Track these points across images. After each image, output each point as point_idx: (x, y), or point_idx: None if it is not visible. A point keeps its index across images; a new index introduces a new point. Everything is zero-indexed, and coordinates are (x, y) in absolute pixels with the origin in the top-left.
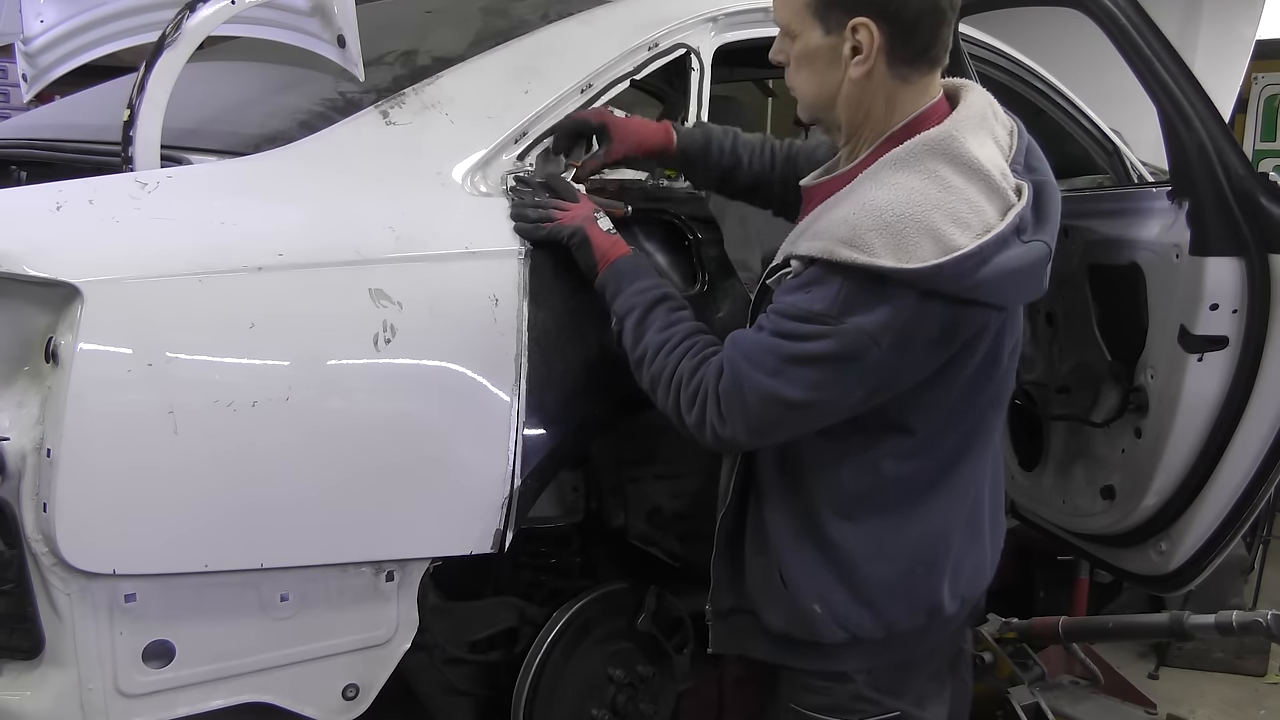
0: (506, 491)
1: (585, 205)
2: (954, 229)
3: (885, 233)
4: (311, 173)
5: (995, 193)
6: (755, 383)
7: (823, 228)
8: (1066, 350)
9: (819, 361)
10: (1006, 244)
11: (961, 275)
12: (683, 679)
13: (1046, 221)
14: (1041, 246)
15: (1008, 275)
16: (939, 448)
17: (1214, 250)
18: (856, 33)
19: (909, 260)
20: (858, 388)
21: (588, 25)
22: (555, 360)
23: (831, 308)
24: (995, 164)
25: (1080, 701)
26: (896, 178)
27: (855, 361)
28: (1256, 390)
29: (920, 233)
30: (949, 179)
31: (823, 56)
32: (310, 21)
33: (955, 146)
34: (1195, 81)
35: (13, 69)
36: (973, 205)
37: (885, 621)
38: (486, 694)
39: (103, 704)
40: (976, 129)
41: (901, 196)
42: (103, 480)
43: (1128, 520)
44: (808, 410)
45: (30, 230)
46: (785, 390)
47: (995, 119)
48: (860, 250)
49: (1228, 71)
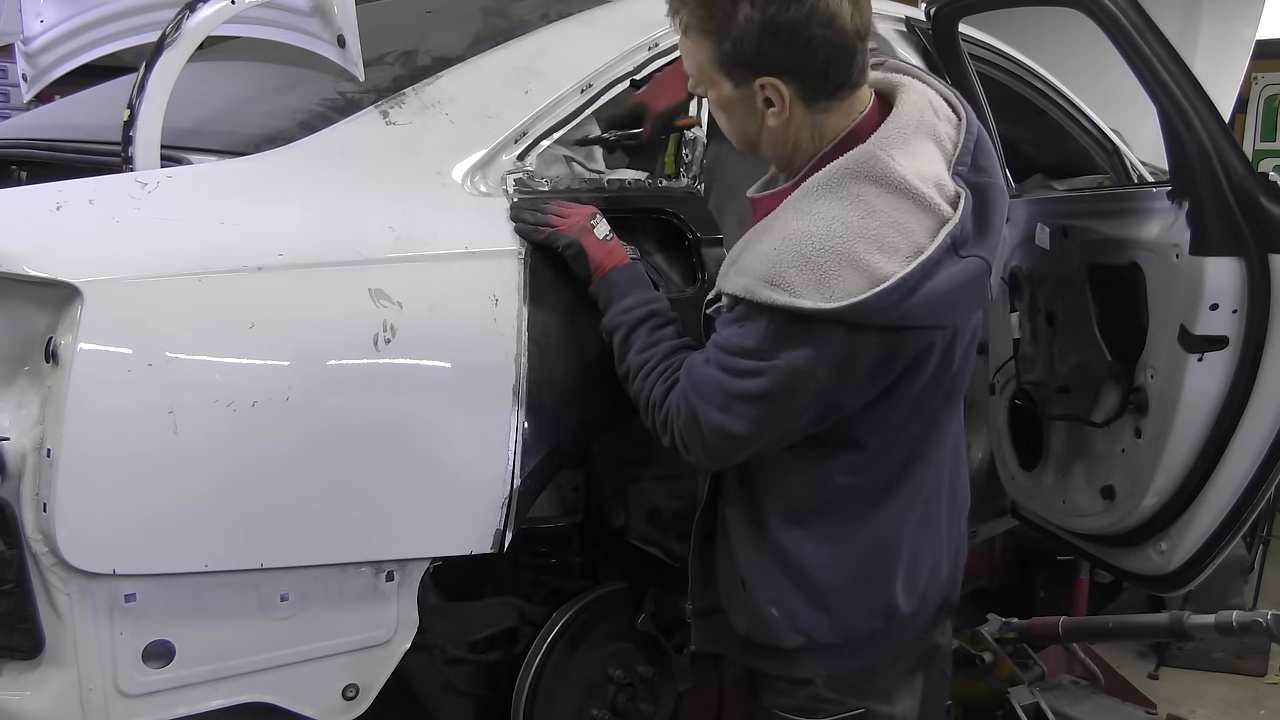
0: (506, 491)
1: (583, 212)
2: (879, 257)
3: (805, 268)
4: (311, 173)
5: (926, 210)
6: (707, 416)
7: (747, 263)
8: (1066, 350)
9: (760, 398)
10: (939, 265)
11: (887, 308)
12: (683, 679)
13: (988, 232)
14: (977, 263)
15: (940, 297)
16: (890, 457)
17: (1214, 250)
18: (765, 89)
19: (830, 298)
20: (802, 416)
21: (588, 25)
22: (555, 360)
23: (763, 344)
24: (929, 175)
25: (1080, 701)
26: (818, 205)
27: (794, 394)
28: (1256, 390)
29: (842, 265)
30: (872, 202)
31: (738, 107)
32: (310, 21)
33: (879, 166)
34: (1195, 81)
35: (13, 69)
36: (900, 227)
37: (841, 626)
38: (486, 694)
39: (103, 704)
40: (909, 138)
41: (821, 227)
42: (103, 480)
43: (1128, 520)
44: (758, 439)
45: (30, 230)
46: (733, 425)
47: (937, 116)
48: (780, 289)
49: (1228, 71)
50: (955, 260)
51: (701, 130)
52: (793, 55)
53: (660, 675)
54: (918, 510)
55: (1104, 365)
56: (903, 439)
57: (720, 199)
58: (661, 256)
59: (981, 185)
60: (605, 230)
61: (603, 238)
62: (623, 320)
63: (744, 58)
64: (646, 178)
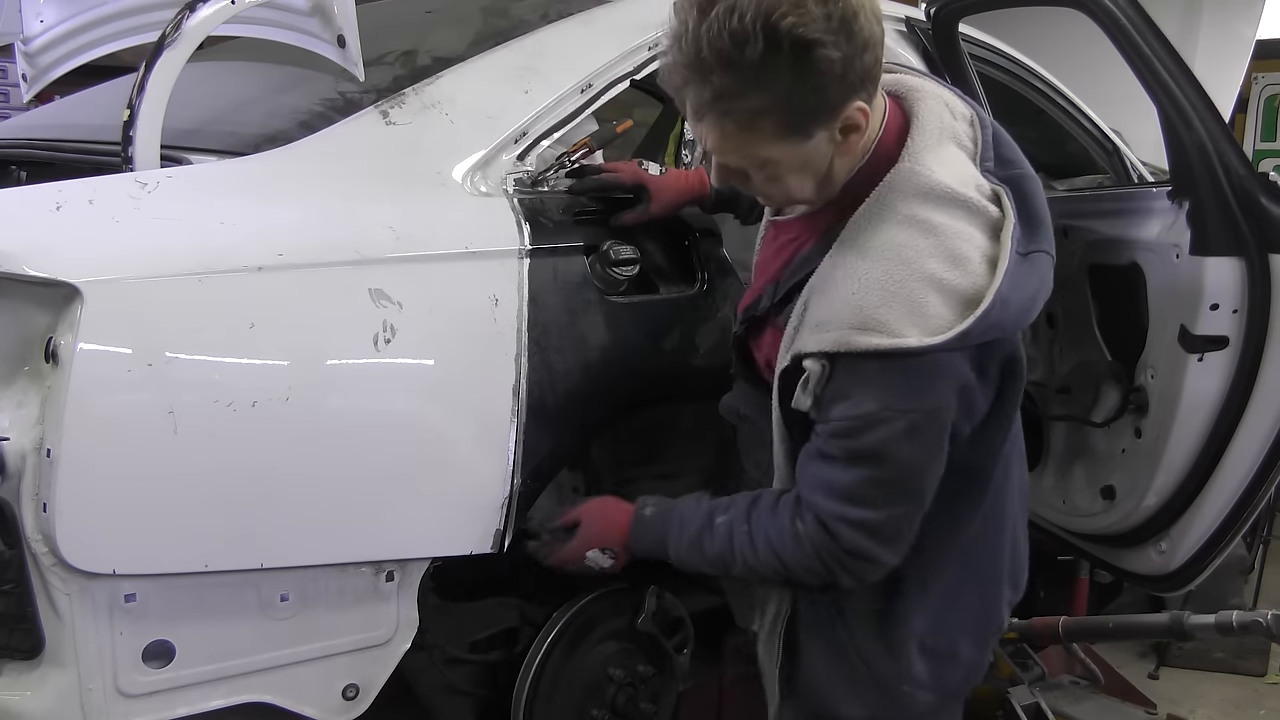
0: (506, 491)
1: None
2: (955, 272)
3: (894, 303)
4: (311, 173)
5: (976, 214)
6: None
7: (825, 317)
8: (1066, 350)
9: (915, 461)
10: (1014, 272)
11: (987, 328)
12: (683, 679)
13: (1039, 225)
14: (1044, 258)
15: (1025, 302)
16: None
17: (1214, 250)
18: (852, 117)
19: (932, 328)
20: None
21: (588, 25)
22: (555, 360)
23: (886, 399)
24: (966, 178)
25: (1080, 701)
26: (878, 239)
27: (940, 435)
28: (1256, 390)
29: (927, 289)
30: (930, 218)
31: (813, 157)
32: (310, 21)
33: (922, 181)
34: (1195, 81)
35: (13, 69)
36: (963, 236)
37: (969, 669)
38: (486, 694)
39: (103, 704)
40: (937, 145)
41: (892, 256)
42: (103, 480)
43: (1128, 520)
44: (925, 499)
45: (30, 230)
46: (903, 506)
47: (955, 117)
48: (878, 332)
49: (1228, 71)
50: (1020, 260)
51: None
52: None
53: (660, 675)
54: (1010, 522)
55: (1104, 365)
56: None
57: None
58: (662, 256)
59: (1014, 178)
60: (601, 558)
61: (611, 561)
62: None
63: (826, 103)
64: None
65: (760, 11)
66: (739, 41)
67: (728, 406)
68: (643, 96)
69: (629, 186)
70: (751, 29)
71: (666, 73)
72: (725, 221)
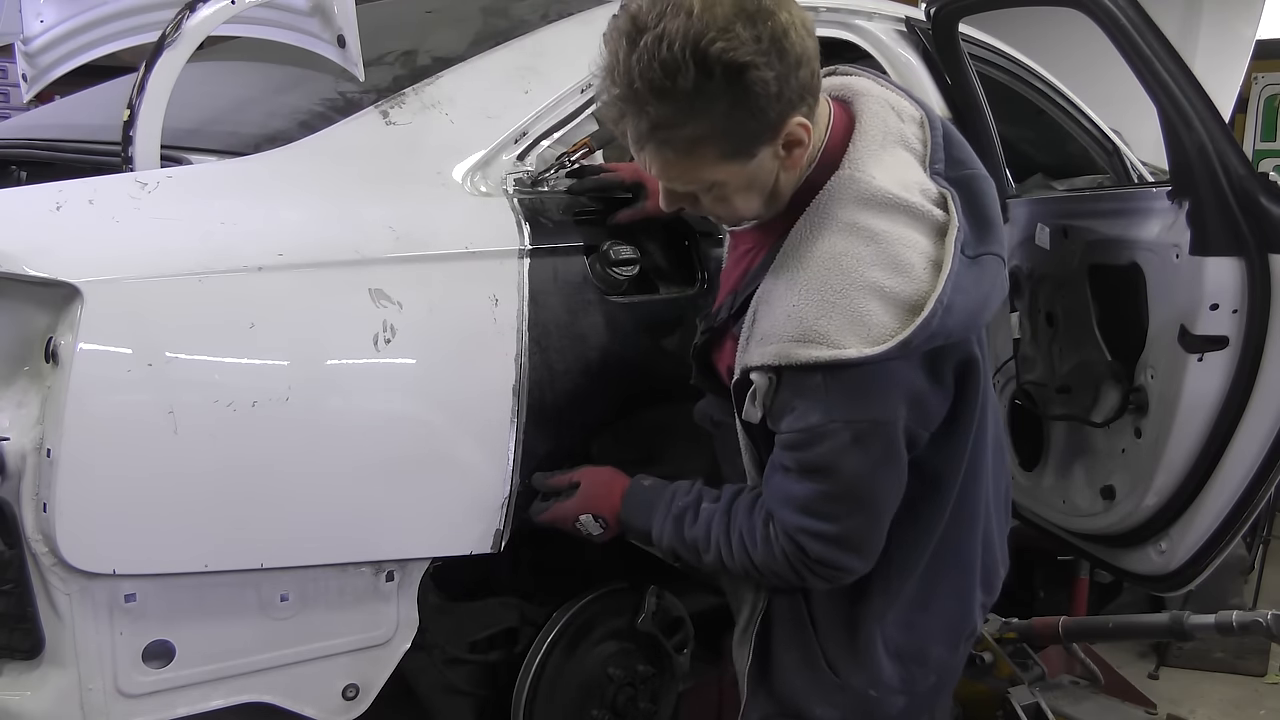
0: (506, 491)
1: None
2: (898, 279)
3: (834, 314)
4: (311, 173)
5: (919, 218)
6: (836, 533)
7: (767, 330)
8: (1066, 350)
9: (867, 477)
10: (960, 274)
11: (931, 335)
12: (683, 679)
13: (989, 226)
14: (993, 260)
15: (971, 306)
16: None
17: (1214, 250)
18: (793, 132)
19: (874, 338)
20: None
21: (588, 25)
22: (555, 361)
23: (831, 411)
24: (910, 183)
25: (1080, 701)
26: (818, 249)
27: (893, 443)
28: (1256, 390)
29: (868, 297)
30: (870, 225)
31: (757, 174)
32: (310, 21)
33: (862, 187)
34: (1195, 81)
35: (13, 69)
36: (906, 242)
37: (939, 671)
38: (486, 694)
39: (103, 704)
40: (879, 149)
41: (830, 267)
42: (103, 480)
43: (1128, 520)
44: (888, 507)
45: (30, 230)
46: (862, 516)
47: (901, 119)
48: (818, 344)
49: (1228, 71)
50: (969, 264)
51: None
52: (804, 81)
53: (660, 675)
54: (980, 525)
55: (1104, 365)
56: (962, 461)
57: None
58: (662, 256)
59: (963, 179)
60: (593, 525)
61: (600, 530)
62: (666, 543)
63: (765, 123)
64: None
65: (689, 39)
66: (670, 71)
67: (701, 413)
68: None
69: (628, 185)
70: (681, 58)
71: (604, 108)
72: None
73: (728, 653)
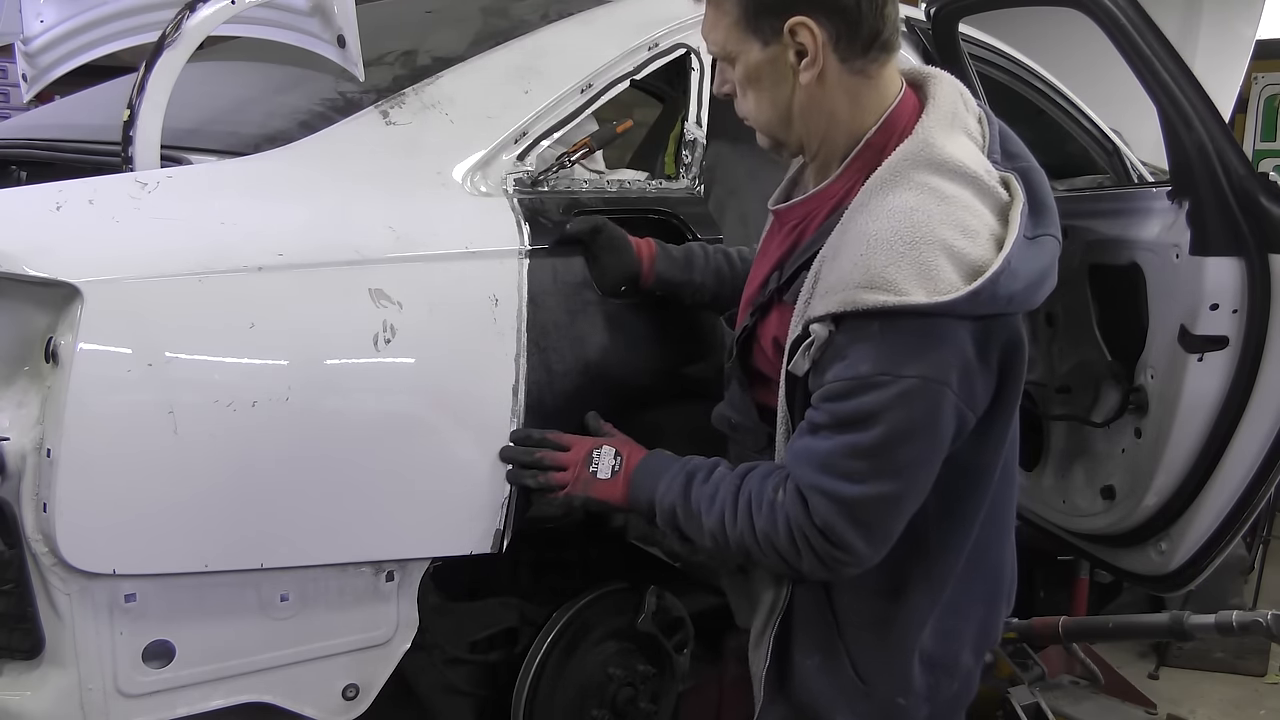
0: (506, 491)
1: (580, 452)
2: (966, 241)
3: (903, 263)
4: (311, 173)
5: (986, 193)
6: (851, 493)
7: (834, 281)
8: (1066, 350)
9: (905, 437)
10: (1023, 249)
11: (996, 295)
12: (683, 679)
13: (1046, 211)
14: (1052, 242)
15: (1034, 279)
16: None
17: (1214, 250)
18: (796, 35)
19: (940, 289)
20: (945, 446)
21: (588, 25)
22: (555, 361)
23: (881, 362)
24: (978, 162)
25: (1080, 701)
26: (889, 201)
27: (938, 415)
28: (1256, 390)
29: (937, 253)
30: (942, 188)
31: (768, 72)
32: (310, 21)
33: (936, 153)
34: (1195, 81)
35: (13, 69)
36: (972, 210)
37: (964, 677)
38: (486, 694)
39: (103, 704)
40: (949, 128)
41: (903, 219)
42: (103, 480)
43: (1128, 520)
44: (915, 490)
45: (30, 230)
46: (884, 486)
47: (967, 110)
48: (885, 290)
49: (1228, 71)
50: (1028, 243)
51: (701, 130)
52: None
53: (660, 675)
54: (1009, 533)
55: (1104, 365)
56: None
57: (720, 199)
58: None
59: (1021, 170)
60: (610, 460)
61: (609, 473)
62: (669, 500)
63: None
64: (647, 178)
65: None
66: None
67: (720, 416)
68: (643, 96)
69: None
70: None
71: None
72: (725, 221)
73: (728, 653)
